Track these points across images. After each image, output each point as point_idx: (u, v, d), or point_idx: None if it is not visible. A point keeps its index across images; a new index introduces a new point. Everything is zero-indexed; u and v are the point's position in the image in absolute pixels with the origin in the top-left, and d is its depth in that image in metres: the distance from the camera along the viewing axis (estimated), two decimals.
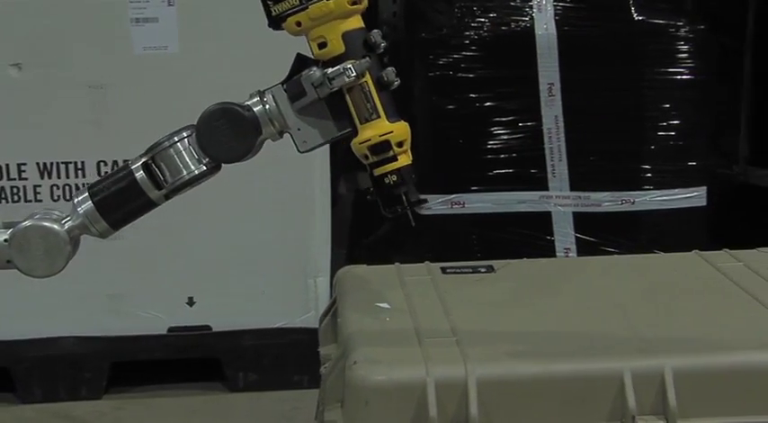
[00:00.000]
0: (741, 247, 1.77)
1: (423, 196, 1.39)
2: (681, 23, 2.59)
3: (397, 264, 1.72)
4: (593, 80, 2.60)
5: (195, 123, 1.40)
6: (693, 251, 1.75)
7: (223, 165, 1.41)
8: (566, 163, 2.61)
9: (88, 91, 2.44)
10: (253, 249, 2.52)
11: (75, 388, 2.52)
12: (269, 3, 1.35)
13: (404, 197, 1.38)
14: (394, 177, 1.37)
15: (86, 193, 1.41)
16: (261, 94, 1.39)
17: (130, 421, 2.46)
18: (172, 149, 1.39)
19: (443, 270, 1.68)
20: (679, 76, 2.61)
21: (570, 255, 2.60)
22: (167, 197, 1.41)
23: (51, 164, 2.46)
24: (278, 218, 2.51)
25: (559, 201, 2.62)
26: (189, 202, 2.51)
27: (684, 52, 2.60)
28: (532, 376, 1.31)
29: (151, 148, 1.40)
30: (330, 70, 1.34)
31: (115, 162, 2.47)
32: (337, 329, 1.56)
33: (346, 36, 1.35)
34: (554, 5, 2.59)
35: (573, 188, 2.61)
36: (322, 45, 1.35)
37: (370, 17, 1.39)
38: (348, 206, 3.13)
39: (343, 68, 1.34)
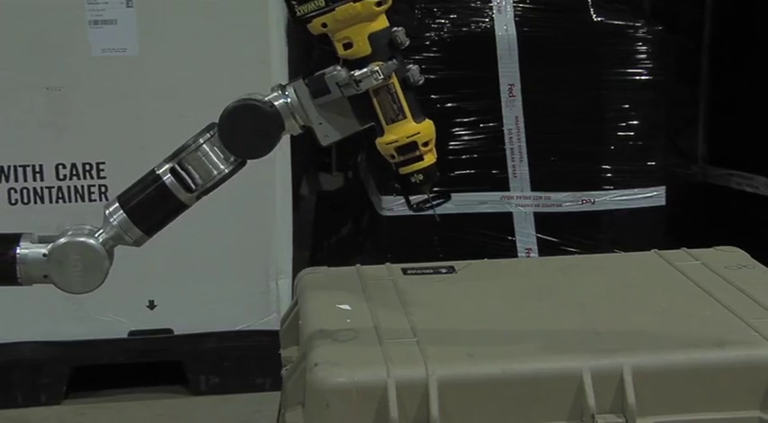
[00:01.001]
0: (699, 245, 1.79)
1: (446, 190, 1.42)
2: (639, 24, 2.62)
3: (357, 265, 1.72)
4: (553, 81, 2.62)
5: (216, 122, 1.39)
6: (652, 250, 1.77)
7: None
8: (526, 163, 2.62)
9: (46, 93, 2.42)
10: (214, 252, 2.51)
11: (35, 393, 2.50)
12: (293, 3, 1.34)
13: (429, 195, 1.40)
14: (420, 176, 1.39)
15: (117, 204, 1.42)
16: (282, 88, 1.39)
17: None
18: (198, 152, 1.39)
19: (404, 271, 1.68)
20: (637, 77, 2.63)
21: (532, 255, 2.62)
22: (198, 198, 1.41)
23: (9, 167, 2.44)
24: (239, 220, 2.51)
25: (520, 201, 2.63)
26: None
27: (643, 53, 2.62)
28: (493, 376, 1.32)
29: (177, 152, 1.40)
30: (357, 73, 1.34)
31: (74, 165, 2.45)
32: (298, 331, 1.56)
33: (372, 37, 1.34)
34: (514, 7, 2.61)
35: (534, 188, 2.63)
36: (347, 46, 1.35)
37: None
38: (310, 208, 3.13)
39: (371, 71, 1.34)
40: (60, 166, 2.45)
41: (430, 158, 1.39)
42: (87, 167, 2.46)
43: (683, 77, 3.09)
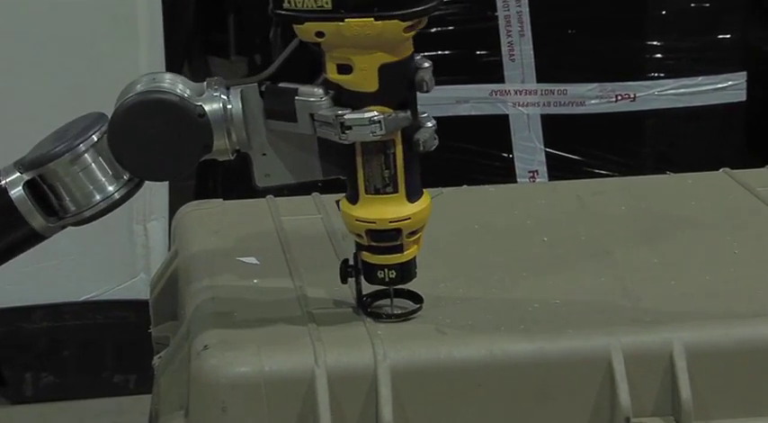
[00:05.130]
0: None
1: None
2: None
3: (269, 197, 1.74)
4: None
5: (108, 116, 1.35)
6: (722, 169, 1.81)
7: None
8: (530, 40, 2.65)
9: None
10: None
11: None
12: None
13: (391, 302, 1.42)
14: (392, 273, 1.41)
15: None
16: (225, 88, 1.36)
17: None
18: (76, 164, 1.36)
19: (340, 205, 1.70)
20: None
21: (537, 179, 2.65)
22: (63, 227, 1.39)
23: None
24: None
25: (521, 98, 2.67)
26: None
27: None
28: (472, 361, 1.35)
29: (39, 158, 1.36)
30: (348, 116, 1.33)
31: None
32: (178, 299, 1.59)
33: (384, 70, 1.33)
34: None
35: (541, 79, 2.66)
36: (344, 69, 1.33)
37: None
38: None
39: (369, 120, 1.32)
40: None
41: (412, 251, 1.41)
42: None
43: None
